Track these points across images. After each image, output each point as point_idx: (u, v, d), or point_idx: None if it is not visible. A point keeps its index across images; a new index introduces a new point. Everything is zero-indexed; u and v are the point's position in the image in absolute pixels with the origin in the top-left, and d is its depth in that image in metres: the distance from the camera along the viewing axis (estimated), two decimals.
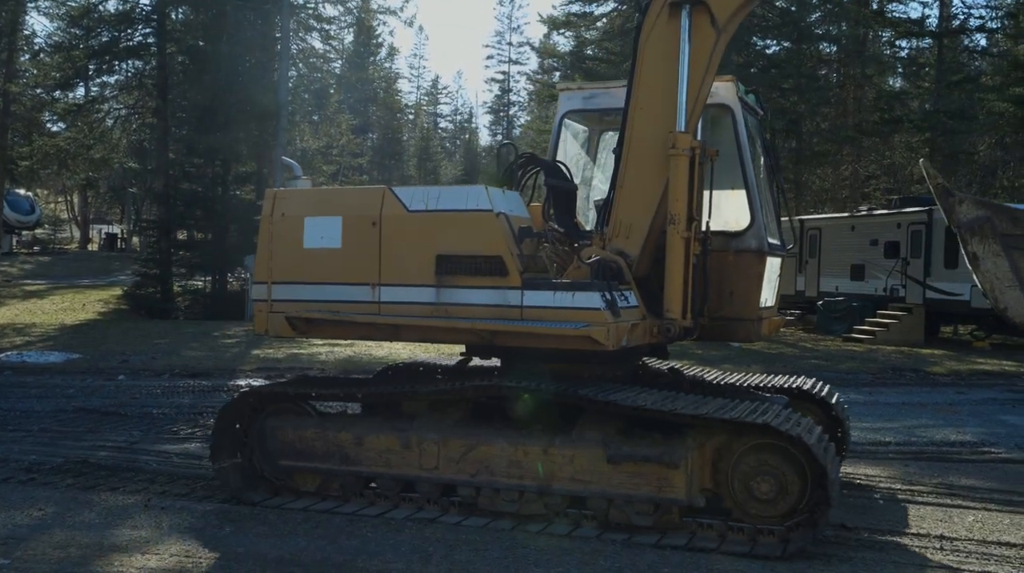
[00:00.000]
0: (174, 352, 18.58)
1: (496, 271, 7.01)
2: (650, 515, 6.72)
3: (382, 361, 17.66)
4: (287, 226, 7.72)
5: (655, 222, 7.37)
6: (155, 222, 32.60)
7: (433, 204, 7.27)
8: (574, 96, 8.90)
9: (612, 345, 6.69)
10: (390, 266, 7.33)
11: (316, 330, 7.79)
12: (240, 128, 29.10)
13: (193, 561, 6.16)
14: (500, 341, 7.16)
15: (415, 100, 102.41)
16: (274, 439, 7.67)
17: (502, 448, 7.02)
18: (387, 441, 7.34)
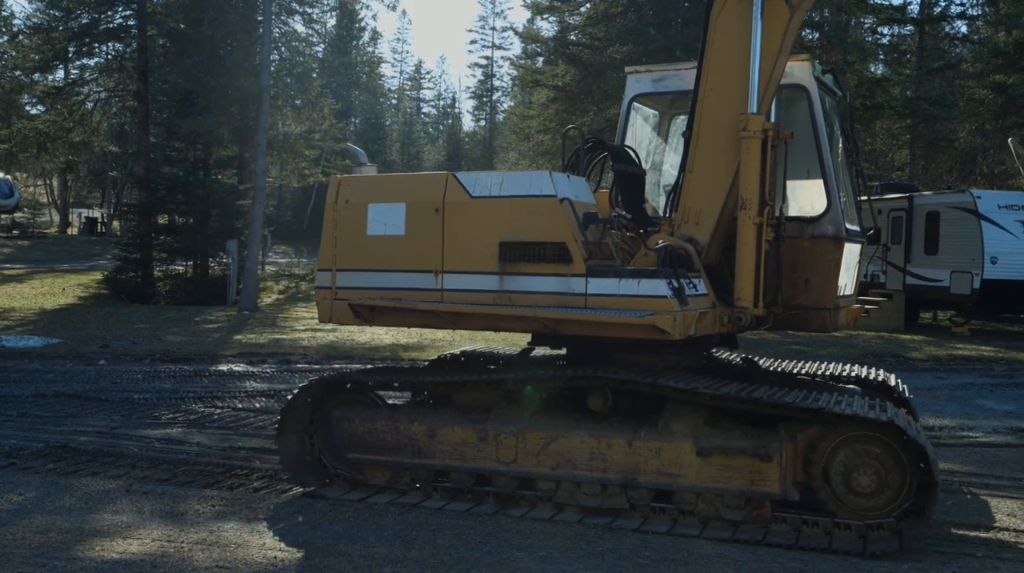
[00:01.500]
0: (155, 337, 18.50)
1: (560, 258, 6.88)
2: (740, 509, 6.58)
3: (364, 346, 17.65)
4: (351, 213, 7.62)
5: (726, 208, 7.18)
6: (136, 206, 32.35)
7: (496, 190, 7.14)
8: (642, 79, 8.63)
9: (679, 334, 6.51)
10: (453, 253, 7.23)
11: (379, 318, 7.63)
12: (222, 112, 28.91)
13: (175, 546, 6.16)
14: (564, 330, 7.00)
15: (398, 85, 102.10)
16: (341, 431, 7.53)
17: (583, 440, 6.86)
18: (462, 433, 7.17)
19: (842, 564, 6.01)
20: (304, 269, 35.47)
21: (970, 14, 36.82)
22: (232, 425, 10.28)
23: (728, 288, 7.17)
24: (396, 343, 18.45)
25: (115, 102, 34.88)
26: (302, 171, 41.02)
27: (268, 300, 29.20)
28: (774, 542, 6.34)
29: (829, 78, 8.03)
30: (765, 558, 6.10)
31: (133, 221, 32.21)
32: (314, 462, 7.72)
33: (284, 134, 33.08)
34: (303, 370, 14.68)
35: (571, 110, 33.26)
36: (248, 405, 11.56)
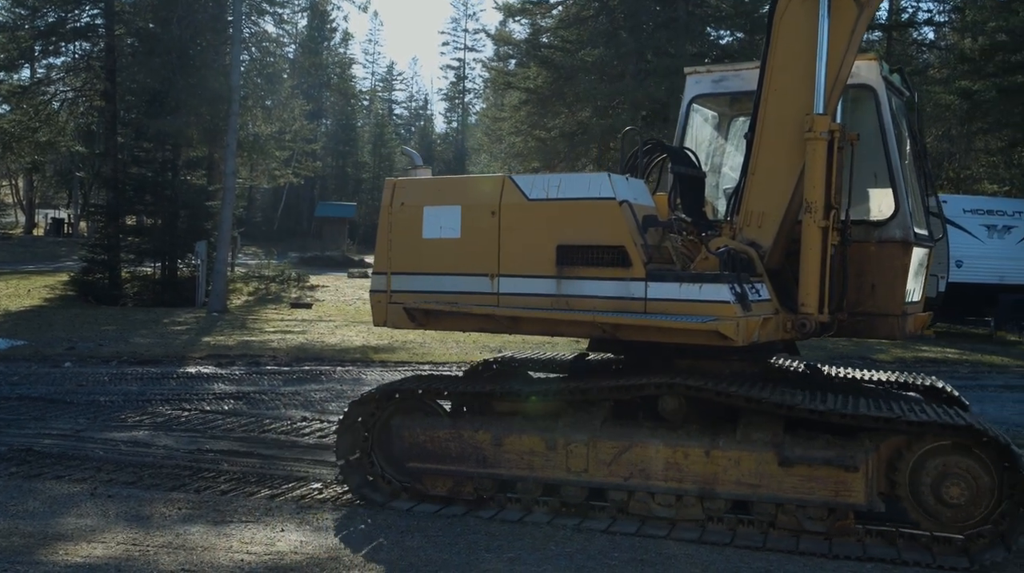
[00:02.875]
0: (122, 339, 18.31)
1: (619, 262, 6.75)
2: (823, 520, 6.41)
3: (334, 348, 17.57)
4: (406, 216, 7.54)
5: (789, 211, 6.99)
6: (103, 207, 31.97)
7: (554, 192, 7.02)
8: (702, 79, 8.45)
9: (741, 341, 6.35)
10: (509, 256, 7.12)
11: (434, 322, 7.51)
12: (191, 112, 28.64)
13: (140, 549, 6.10)
14: (623, 335, 6.82)
15: (370, 86, 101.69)
16: (401, 440, 7.35)
17: (658, 450, 6.68)
18: (530, 442, 6.99)
19: (808, 564, 6.05)
20: (274, 270, 35.24)
21: (937, 20, 37.25)
22: (200, 427, 10.19)
23: (791, 294, 7.01)
24: (366, 345, 18.38)
25: (82, 102, 34.43)
26: (272, 172, 40.71)
27: (238, 302, 28.98)
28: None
29: (896, 78, 7.81)
30: (732, 558, 6.14)
31: (100, 222, 31.85)
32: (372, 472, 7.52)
33: (254, 135, 32.78)
34: (272, 372, 14.59)
35: (543, 112, 33.33)
36: (216, 407, 11.47)
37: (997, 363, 18.28)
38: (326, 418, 10.88)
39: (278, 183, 46.04)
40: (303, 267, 41.42)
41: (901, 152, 7.43)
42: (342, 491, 7.67)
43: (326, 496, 7.53)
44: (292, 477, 8.13)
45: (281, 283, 33.54)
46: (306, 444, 9.51)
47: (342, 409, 8.39)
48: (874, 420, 6.23)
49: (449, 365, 15.93)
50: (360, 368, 15.36)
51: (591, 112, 31.61)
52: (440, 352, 17.56)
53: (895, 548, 6.26)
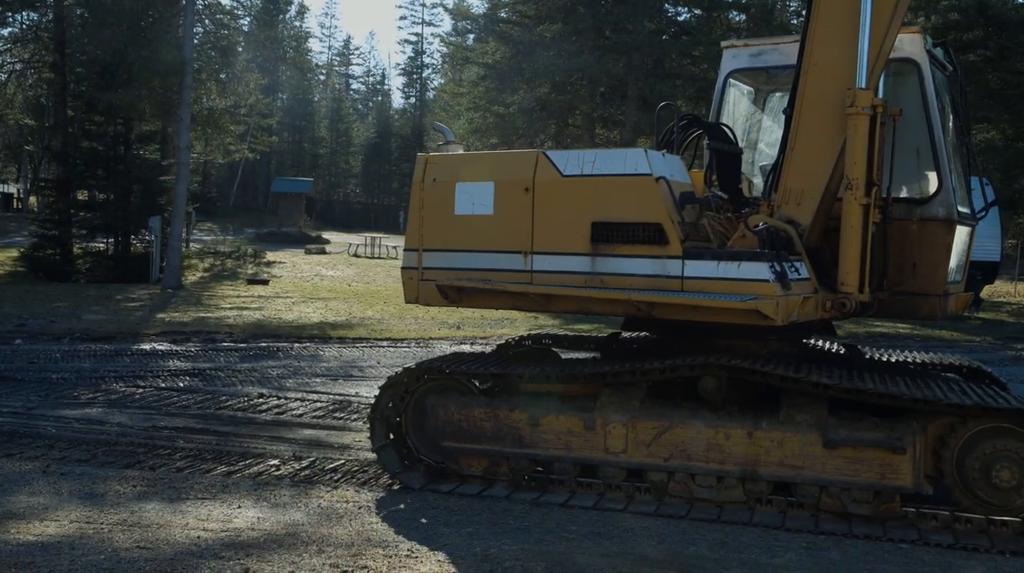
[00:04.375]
0: (74, 315, 18.03)
1: (655, 239, 6.65)
2: (869, 503, 6.33)
3: (291, 325, 17.45)
4: (438, 192, 7.42)
5: (829, 188, 6.86)
6: (53, 181, 31.37)
7: (589, 168, 6.91)
8: (739, 54, 8.29)
9: (781, 320, 6.26)
10: (543, 233, 7.03)
11: (467, 299, 7.41)
12: (143, 85, 28.14)
13: (94, 527, 6.03)
14: (658, 313, 6.72)
15: (326, 60, 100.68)
16: (436, 418, 7.25)
17: (699, 430, 6.58)
18: (568, 422, 6.89)
19: (762, 535, 6.15)
20: (230, 246, 34.87)
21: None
22: (155, 405, 10.09)
23: (829, 273, 6.92)
24: (324, 321, 18.29)
25: (31, 73, 33.68)
26: (227, 147, 40.18)
27: (193, 278, 28.65)
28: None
29: (940, 52, 7.60)
30: (688, 530, 6.22)
31: (51, 197, 31.27)
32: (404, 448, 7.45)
33: (209, 109, 32.25)
34: (228, 349, 14.47)
35: (501, 88, 33.20)
36: (171, 384, 11.35)
37: (947, 338, 18.65)
38: (283, 395, 10.82)
39: (233, 158, 45.45)
40: (259, 243, 41.04)
41: (944, 128, 7.28)
42: (299, 467, 7.65)
43: (283, 472, 7.50)
44: (249, 454, 8.08)
45: (237, 259, 33.21)
46: (263, 421, 9.46)
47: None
48: (949, 406, 6.12)
49: (407, 341, 15.91)
50: (318, 344, 15.28)
51: (549, 88, 31.56)
52: (398, 329, 17.53)
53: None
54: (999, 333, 19.82)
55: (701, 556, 5.75)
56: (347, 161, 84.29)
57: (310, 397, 10.76)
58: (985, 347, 17.41)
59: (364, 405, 10.29)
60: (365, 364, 13.38)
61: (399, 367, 8.46)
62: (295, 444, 8.48)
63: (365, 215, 74.30)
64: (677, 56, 32.32)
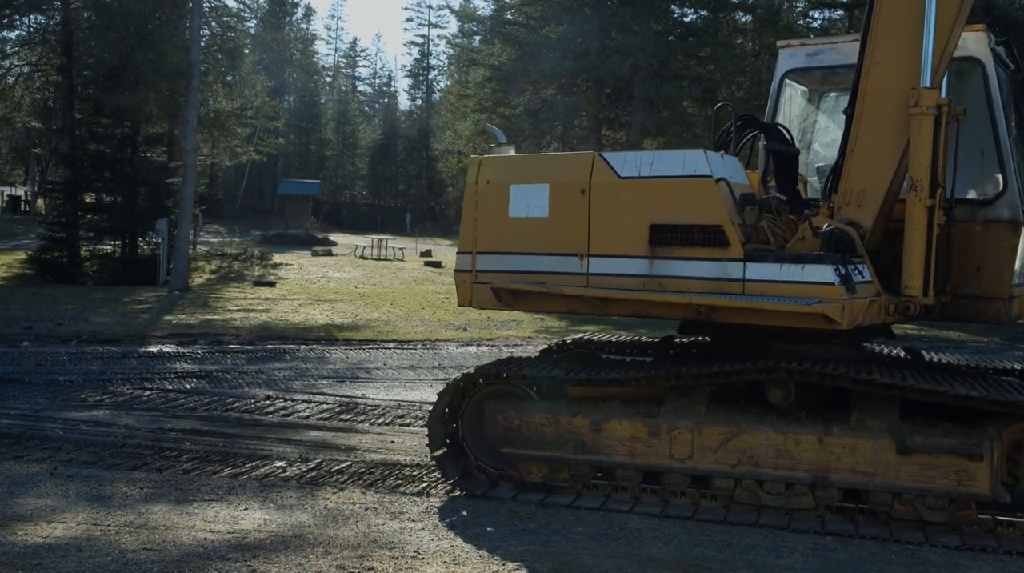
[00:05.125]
0: (82, 318, 18.07)
1: (716, 242, 6.54)
2: (944, 510, 6.18)
3: (297, 327, 17.48)
4: (492, 194, 7.35)
5: (891, 189, 6.73)
6: (61, 184, 31.48)
7: (647, 170, 6.82)
8: (796, 53, 8.15)
9: (847, 323, 6.17)
10: (600, 236, 6.94)
11: (522, 302, 7.36)
12: (150, 88, 28.16)
13: (102, 529, 6.05)
14: (718, 317, 6.62)
15: (333, 62, 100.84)
16: (494, 424, 7.13)
17: (768, 436, 6.45)
18: (632, 428, 6.76)
19: (769, 536, 6.14)
20: (236, 249, 34.93)
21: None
22: (161, 406, 10.11)
23: (889, 275, 6.77)
24: (330, 323, 18.30)
25: (38, 76, 33.77)
26: (234, 149, 40.24)
27: (200, 280, 28.70)
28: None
29: (1003, 50, 7.43)
30: (694, 531, 6.22)
31: (58, 199, 31.33)
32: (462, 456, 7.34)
33: (215, 111, 32.31)
34: (235, 351, 14.49)
35: (507, 90, 33.21)
36: (178, 386, 11.38)
37: (954, 338, 18.59)
38: (290, 396, 10.84)
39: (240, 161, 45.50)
40: (266, 245, 41.09)
41: (1008, 128, 7.13)
42: (306, 469, 7.66)
43: (289, 474, 7.51)
44: (255, 456, 8.10)
45: (244, 261, 33.25)
46: (269, 422, 9.47)
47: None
48: None
49: (414, 343, 15.92)
50: (324, 346, 15.30)
51: (555, 90, 31.56)
52: (405, 330, 17.53)
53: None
54: (1007, 333, 19.74)
55: (707, 557, 5.74)
56: (353, 163, 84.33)
57: (316, 399, 10.77)
58: (992, 348, 17.36)
59: (370, 407, 10.31)
60: (372, 366, 13.39)
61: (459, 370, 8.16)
62: (302, 446, 8.50)
63: (372, 217, 74.36)
64: (683, 57, 32.30)
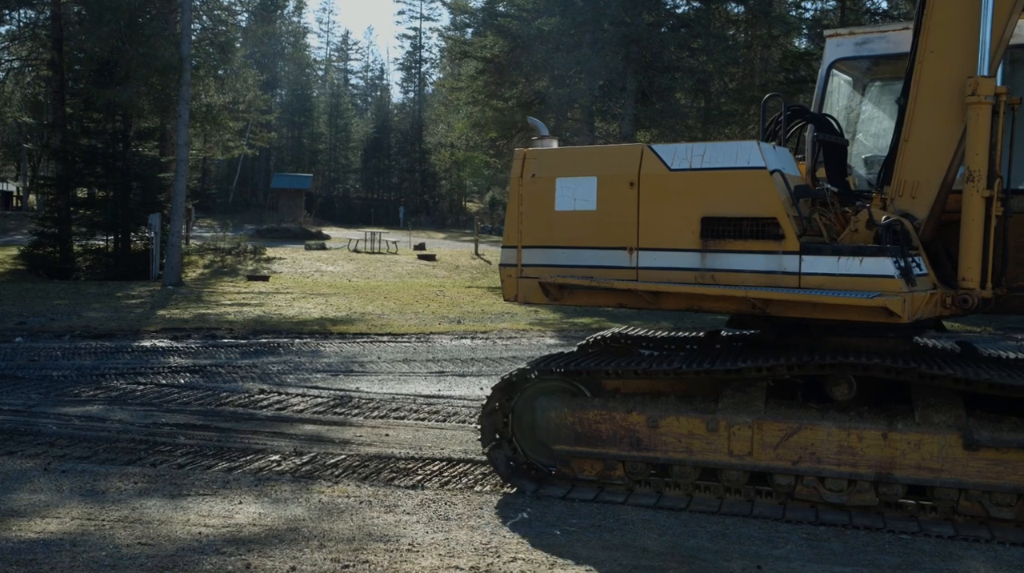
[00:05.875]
0: (75, 313, 18.04)
1: (771, 234, 6.42)
2: (1011, 506, 6.09)
3: (291, 321, 17.46)
4: (537, 187, 7.22)
5: (945, 181, 6.62)
6: (53, 179, 31.37)
7: (698, 162, 6.68)
8: (844, 42, 7.97)
9: (908, 317, 6.06)
10: (650, 229, 6.81)
11: (570, 297, 7.21)
12: (141, 82, 28.08)
13: (96, 524, 6.04)
14: (773, 310, 6.50)
15: (325, 56, 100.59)
16: (546, 421, 7.02)
17: (830, 432, 6.33)
18: (689, 424, 6.66)
19: (763, 527, 6.16)
20: (229, 243, 34.85)
21: None
22: (155, 401, 10.09)
23: (942, 268, 6.70)
24: (324, 317, 18.29)
25: (28, 71, 33.65)
26: (226, 143, 40.21)
27: (193, 275, 28.66)
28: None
29: None
30: (689, 523, 6.23)
31: (50, 195, 31.27)
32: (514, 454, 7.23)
33: (207, 105, 32.20)
34: (229, 345, 14.47)
35: (500, 82, 33.17)
36: (172, 381, 11.36)
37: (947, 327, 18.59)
38: (284, 390, 10.83)
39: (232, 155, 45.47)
40: (259, 239, 41.02)
41: None
42: (300, 463, 7.66)
43: (284, 468, 7.51)
44: (250, 450, 8.09)
45: (237, 256, 33.20)
46: (263, 416, 9.46)
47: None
48: None
49: (408, 336, 15.92)
50: (318, 340, 15.29)
51: (548, 82, 31.53)
52: (399, 324, 17.53)
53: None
54: (1000, 322, 19.79)
55: (702, 548, 5.75)
56: (346, 156, 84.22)
57: (311, 393, 10.76)
58: (986, 338, 17.41)
59: (364, 400, 10.31)
60: (366, 359, 13.38)
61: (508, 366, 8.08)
62: (296, 440, 8.49)
63: (365, 210, 74.29)
64: (676, 49, 32.29)
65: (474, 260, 37.55)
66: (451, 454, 8.03)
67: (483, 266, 35.75)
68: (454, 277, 31.50)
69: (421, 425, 9.21)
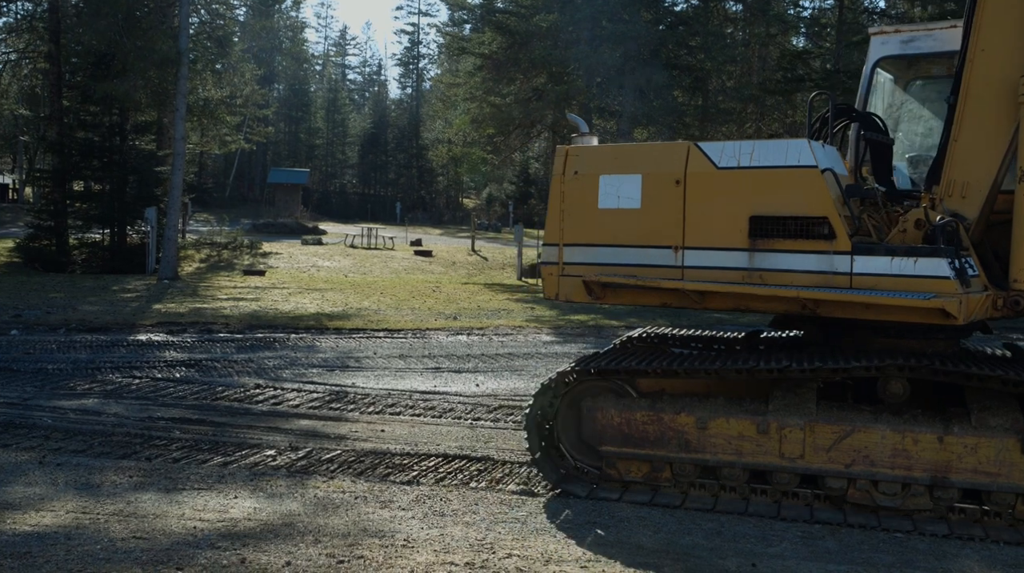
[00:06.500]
0: (71, 306, 18.01)
1: (821, 234, 6.37)
2: None
3: (287, 315, 17.44)
4: (580, 185, 7.15)
5: (996, 181, 6.52)
6: (49, 172, 31.36)
7: (746, 160, 6.62)
8: (889, 40, 7.87)
9: (963, 318, 6.01)
10: (696, 228, 6.74)
11: (614, 295, 7.14)
12: (139, 75, 28.03)
13: (91, 517, 6.03)
14: (824, 311, 6.45)
15: (322, 51, 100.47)
16: (592, 422, 6.92)
17: (885, 435, 6.24)
18: (739, 426, 6.55)
19: (758, 524, 6.17)
20: (226, 237, 34.83)
21: None
22: (151, 395, 10.09)
23: (990, 269, 6.61)
24: (320, 312, 18.28)
25: (26, 64, 33.61)
26: (223, 138, 40.13)
27: (189, 269, 28.63)
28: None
29: None
30: (684, 520, 6.23)
31: (46, 187, 31.22)
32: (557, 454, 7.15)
33: (204, 99, 32.18)
34: (224, 339, 14.46)
35: (498, 78, 33.15)
36: (167, 375, 11.35)
37: None
38: (279, 385, 10.82)
39: (229, 149, 45.39)
40: (256, 234, 40.99)
41: None
42: (296, 457, 7.65)
43: (279, 463, 7.51)
44: (245, 444, 8.09)
45: (233, 250, 33.18)
46: (259, 411, 9.46)
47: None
48: None
49: (404, 332, 15.91)
50: (314, 335, 15.28)
51: (546, 78, 31.52)
52: (395, 319, 17.52)
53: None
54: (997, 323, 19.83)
55: (697, 545, 5.76)
56: (343, 152, 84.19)
57: (306, 388, 10.76)
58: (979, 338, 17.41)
59: (360, 396, 10.30)
60: (362, 355, 13.38)
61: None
62: (291, 434, 8.49)
63: (362, 206, 74.25)
64: (674, 46, 32.29)
65: (471, 256, 37.55)
66: (446, 450, 8.03)
67: (479, 262, 35.76)
68: (450, 273, 31.50)
69: (417, 421, 9.21)
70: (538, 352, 14.00)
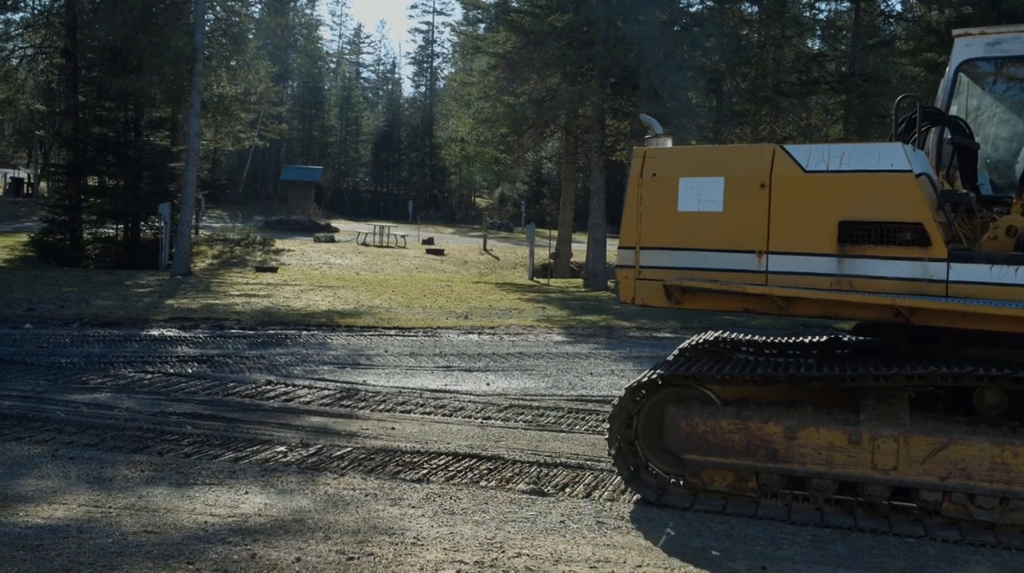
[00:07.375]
0: (84, 301, 18.09)
1: (916, 240, 6.21)
2: None
3: (299, 312, 17.48)
4: (659, 187, 6.99)
5: None
6: (64, 167, 31.48)
7: (836, 164, 6.47)
8: (974, 42, 7.61)
9: None
10: (781, 232, 6.59)
11: (693, 300, 6.95)
12: (154, 71, 28.15)
13: (103, 511, 6.06)
14: (918, 319, 6.25)
15: (337, 49, 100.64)
16: (676, 430, 6.77)
17: (983, 447, 6.05)
18: (830, 436, 6.37)
19: (768, 528, 6.16)
20: (239, 234, 34.92)
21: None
22: (163, 390, 10.12)
23: None
24: (332, 310, 18.31)
25: (42, 59, 33.74)
26: (237, 134, 40.22)
27: (202, 265, 28.72)
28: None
29: None
30: (693, 522, 6.23)
31: (61, 182, 31.39)
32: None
33: (219, 96, 32.26)
34: (236, 335, 14.50)
35: (512, 78, 33.12)
36: (180, 370, 11.39)
37: None
38: (291, 382, 10.85)
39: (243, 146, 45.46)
40: (268, 231, 41.11)
41: None
42: (307, 454, 7.67)
43: (290, 459, 7.53)
44: (256, 440, 8.11)
45: (246, 247, 33.28)
46: (270, 407, 9.49)
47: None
48: None
49: (415, 330, 15.93)
50: (325, 332, 15.31)
51: (560, 78, 31.47)
52: (406, 317, 17.54)
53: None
54: None
55: (706, 548, 5.75)
56: (357, 150, 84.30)
57: (318, 385, 10.78)
58: None
59: (371, 393, 10.32)
60: (373, 352, 13.40)
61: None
62: (302, 431, 8.51)
63: (374, 204, 74.39)
64: (688, 47, 32.19)
65: (482, 255, 37.56)
66: (457, 449, 8.04)
67: (491, 262, 35.76)
68: (462, 272, 31.51)
69: (427, 419, 9.22)
70: (549, 352, 14.00)
